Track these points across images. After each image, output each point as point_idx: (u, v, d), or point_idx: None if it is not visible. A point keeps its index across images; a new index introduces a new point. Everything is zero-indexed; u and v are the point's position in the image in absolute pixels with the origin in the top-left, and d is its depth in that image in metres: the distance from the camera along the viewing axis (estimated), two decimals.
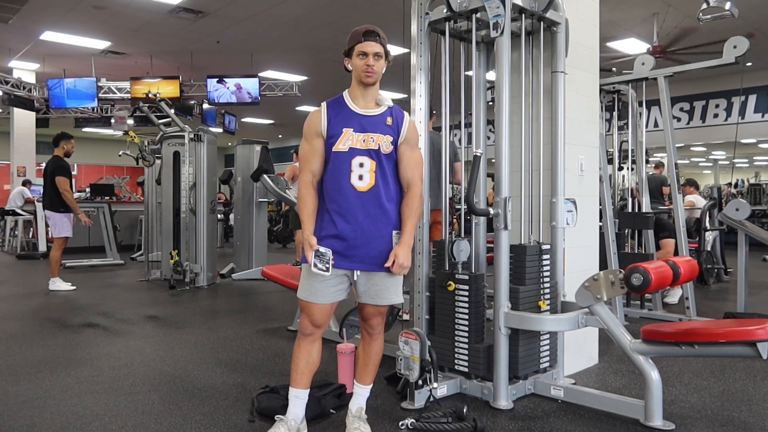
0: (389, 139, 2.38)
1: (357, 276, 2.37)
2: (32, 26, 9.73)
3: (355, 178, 2.33)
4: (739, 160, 20.76)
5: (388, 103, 2.43)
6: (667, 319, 4.75)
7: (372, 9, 8.44)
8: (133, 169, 18.93)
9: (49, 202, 6.33)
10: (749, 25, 8.94)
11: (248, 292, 6.38)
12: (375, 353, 2.52)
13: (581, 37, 3.45)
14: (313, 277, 2.33)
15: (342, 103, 2.41)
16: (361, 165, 2.34)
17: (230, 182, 7.80)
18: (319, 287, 2.34)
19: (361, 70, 2.34)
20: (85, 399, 2.94)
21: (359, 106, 2.39)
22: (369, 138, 2.35)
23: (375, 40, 2.34)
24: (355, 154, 2.34)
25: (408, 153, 2.43)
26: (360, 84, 2.38)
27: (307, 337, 2.40)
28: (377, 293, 2.39)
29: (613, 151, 5.37)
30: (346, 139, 2.33)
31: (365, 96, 2.40)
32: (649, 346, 2.58)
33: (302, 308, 2.39)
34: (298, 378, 2.40)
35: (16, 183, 12.66)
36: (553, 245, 3.09)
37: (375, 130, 2.37)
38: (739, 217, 4.40)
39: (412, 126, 2.48)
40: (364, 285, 2.39)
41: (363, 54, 2.33)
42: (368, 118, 2.38)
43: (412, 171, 2.44)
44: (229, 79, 11.51)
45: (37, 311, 5.27)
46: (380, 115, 2.40)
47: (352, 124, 2.35)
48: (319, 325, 2.40)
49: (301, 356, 2.40)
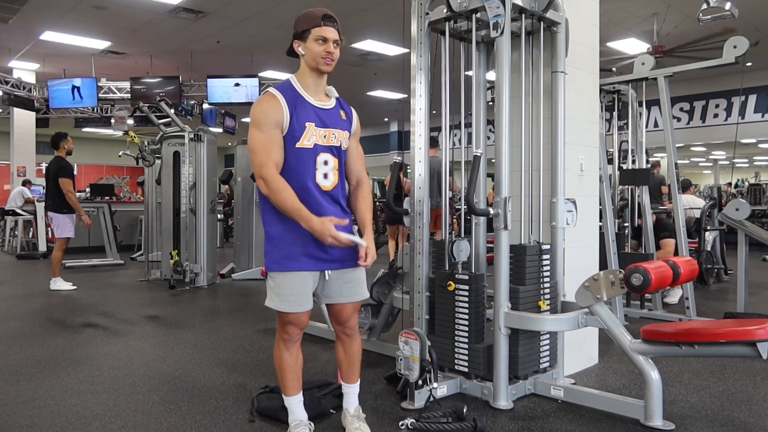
0: (346, 135, 2.32)
1: (328, 276, 2.28)
2: (32, 26, 9.74)
3: (321, 177, 2.22)
4: (739, 160, 20.78)
5: (334, 94, 2.34)
6: (667, 319, 4.75)
7: (372, 9, 8.45)
8: (133, 169, 18.95)
9: (52, 203, 6.34)
10: (749, 25, 8.94)
11: (248, 292, 6.38)
12: (358, 352, 2.47)
13: (581, 37, 3.45)
14: (294, 286, 2.23)
15: (295, 92, 2.23)
16: (325, 162, 2.23)
17: (230, 182, 7.80)
18: (303, 293, 2.25)
19: (320, 57, 2.19)
20: (85, 399, 2.94)
21: (312, 96, 2.25)
22: (330, 134, 2.24)
23: (334, 25, 2.22)
24: (319, 151, 2.22)
25: (355, 146, 2.39)
26: (314, 71, 2.23)
27: (295, 343, 2.36)
28: (352, 290, 2.33)
29: (613, 151, 5.37)
30: (310, 135, 2.19)
31: (317, 85, 2.26)
32: (649, 346, 2.58)
33: (288, 320, 2.28)
34: (297, 385, 2.38)
35: (16, 183, 12.67)
36: (553, 245, 3.09)
37: (334, 125, 2.27)
38: (739, 217, 4.41)
39: (358, 119, 2.42)
40: (336, 284, 2.30)
41: (323, 39, 2.19)
42: (325, 112, 2.26)
43: (360, 165, 2.41)
44: (229, 79, 11.52)
45: (37, 311, 5.27)
46: (334, 108, 2.31)
47: (312, 118, 2.21)
48: (305, 327, 2.36)
49: (293, 363, 2.36)
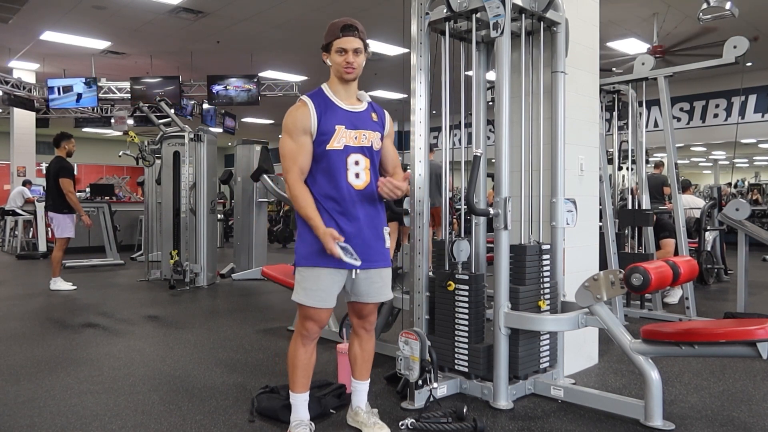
0: (378, 136, 2.40)
1: (356, 275, 2.34)
2: (32, 26, 9.73)
3: (352, 177, 2.31)
4: (739, 160, 20.77)
5: (366, 98, 2.42)
6: (667, 319, 4.75)
7: (372, 9, 8.45)
8: (133, 169, 18.94)
9: (53, 203, 6.33)
10: (749, 25, 8.94)
11: (248, 292, 6.38)
12: (373, 349, 2.58)
13: (581, 37, 3.45)
14: (321, 282, 2.28)
15: (326, 98, 2.34)
16: (356, 163, 2.32)
17: (230, 182, 7.79)
18: (329, 291, 2.30)
19: (341, 67, 2.29)
20: (85, 399, 2.94)
21: (343, 101, 2.35)
22: (361, 135, 2.34)
23: (353, 34, 2.29)
24: (350, 152, 2.31)
25: (389, 147, 2.50)
26: (340, 80, 2.34)
27: (313, 341, 2.41)
28: (377, 290, 2.41)
29: (613, 151, 5.37)
30: (340, 137, 2.29)
31: (347, 91, 2.37)
32: (649, 346, 2.58)
33: (309, 315, 2.33)
34: (306, 383, 2.42)
35: (16, 183, 12.66)
36: (553, 245, 3.09)
37: (365, 126, 2.36)
38: (739, 217, 4.41)
39: (391, 120, 2.52)
40: (365, 283, 2.37)
41: (342, 50, 2.28)
42: (356, 115, 2.36)
43: (394, 164, 2.51)
44: (229, 79, 11.51)
45: (37, 311, 5.27)
46: (366, 111, 2.40)
47: (342, 121, 2.31)
48: (324, 326, 2.42)
49: (307, 360, 2.40)
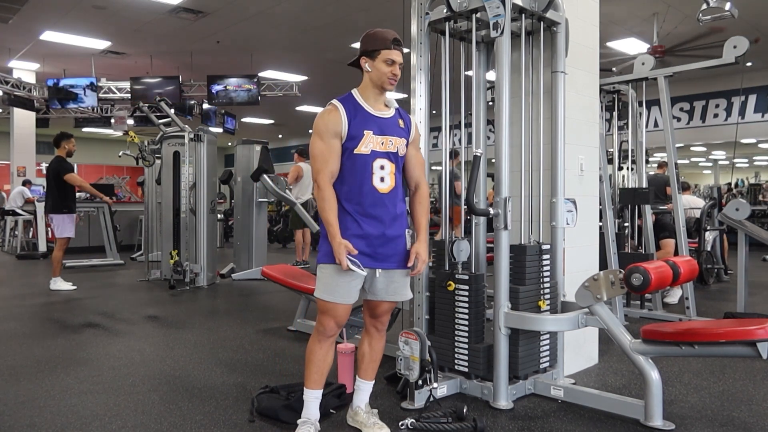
0: (404, 142, 2.46)
1: (378, 275, 2.40)
2: (32, 26, 9.73)
3: (377, 180, 2.38)
4: (739, 160, 20.75)
5: (394, 105, 2.49)
6: (667, 319, 4.74)
7: (372, 9, 8.44)
8: (133, 169, 18.96)
9: (52, 204, 6.32)
10: (751, 27, 8.94)
11: (248, 292, 6.38)
12: (382, 349, 2.61)
13: (581, 37, 3.45)
14: (340, 278, 2.32)
15: (356, 103, 2.40)
16: (381, 167, 2.39)
17: (230, 182, 7.79)
18: (347, 288, 2.35)
19: (386, 77, 2.37)
20: (85, 399, 2.94)
21: (373, 107, 2.41)
22: (387, 141, 2.40)
23: (401, 48, 2.39)
24: (376, 157, 2.38)
25: (415, 153, 2.55)
26: (377, 88, 2.41)
27: (330, 338, 2.43)
28: (396, 290, 2.46)
29: (613, 151, 5.37)
30: (367, 142, 2.35)
31: (378, 98, 2.44)
32: (649, 346, 2.58)
33: (327, 310, 2.37)
34: (319, 380, 2.44)
35: (16, 183, 12.67)
36: (553, 245, 3.09)
37: (392, 132, 2.42)
38: (739, 217, 4.41)
39: (417, 127, 2.57)
40: (383, 283, 2.42)
41: (391, 61, 2.36)
42: (384, 121, 2.42)
43: (419, 171, 2.56)
44: (229, 79, 11.51)
45: (37, 311, 5.27)
46: (393, 117, 2.46)
47: (371, 127, 2.37)
48: (342, 325, 2.44)
49: (323, 357, 2.43)
